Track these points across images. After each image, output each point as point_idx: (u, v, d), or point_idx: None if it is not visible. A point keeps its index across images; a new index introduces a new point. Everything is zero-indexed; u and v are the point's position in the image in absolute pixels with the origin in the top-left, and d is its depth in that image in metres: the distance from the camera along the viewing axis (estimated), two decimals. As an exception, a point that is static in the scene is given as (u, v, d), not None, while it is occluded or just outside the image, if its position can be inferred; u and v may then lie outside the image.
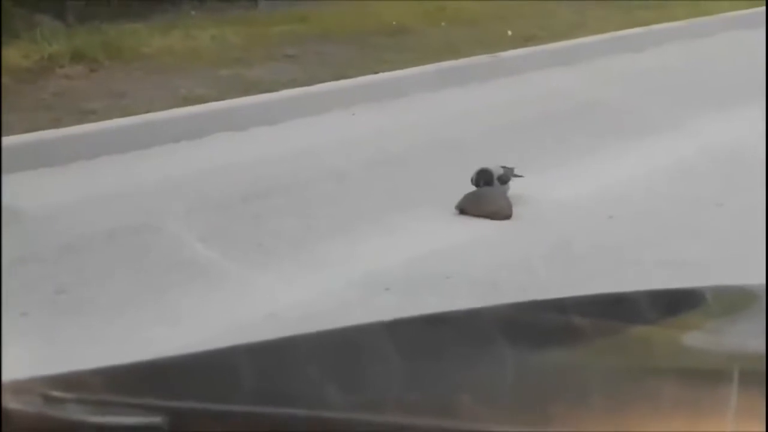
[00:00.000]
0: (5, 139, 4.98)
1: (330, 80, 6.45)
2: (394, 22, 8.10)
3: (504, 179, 4.64)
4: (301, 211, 4.51)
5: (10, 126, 5.18)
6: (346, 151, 5.39)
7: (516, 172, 4.72)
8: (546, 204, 4.60)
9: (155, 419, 0.89)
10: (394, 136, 5.70)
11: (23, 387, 0.93)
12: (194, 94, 5.95)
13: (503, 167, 4.68)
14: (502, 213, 4.51)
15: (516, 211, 4.51)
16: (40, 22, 7.05)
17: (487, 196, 4.56)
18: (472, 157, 4.85)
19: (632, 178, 4.98)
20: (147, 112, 5.59)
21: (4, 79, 5.87)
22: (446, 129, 5.88)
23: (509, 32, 8.03)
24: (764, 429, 0.87)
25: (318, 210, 4.54)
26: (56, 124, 5.27)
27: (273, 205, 4.58)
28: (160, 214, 4.39)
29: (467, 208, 4.51)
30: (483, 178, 4.61)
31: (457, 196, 4.52)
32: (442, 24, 8.26)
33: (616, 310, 1.30)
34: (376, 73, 6.69)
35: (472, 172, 4.65)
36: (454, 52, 7.24)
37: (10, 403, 0.87)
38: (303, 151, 5.36)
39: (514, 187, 4.65)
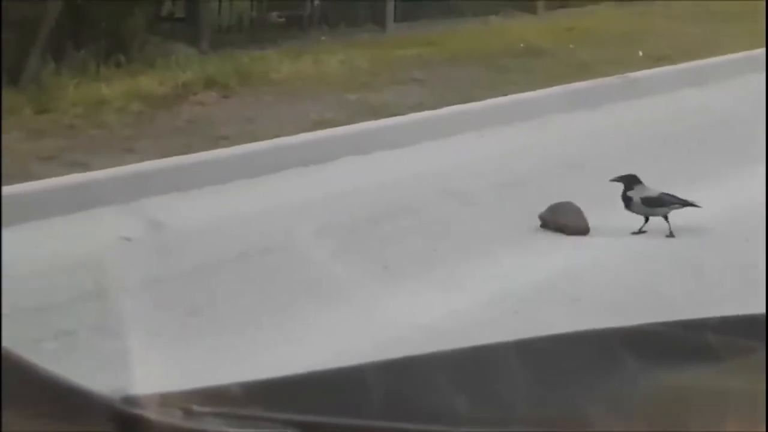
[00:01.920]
0: (142, 164, 5.13)
1: (457, 103, 6.45)
2: (521, 44, 8.07)
3: (649, 201, 4.48)
4: (428, 232, 4.53)
5: (146, 151, 5.33)
6: (474, 173, 5.39)
7: (693, 201, 4.49)
8: (680, 225, 4.51)
9: (288, 432, 0.91)
10: (522, 158, 5.68)
11: (163, 400, 0.96)
12: (323, 118, 6.03)
13: (664, 193, 4.52)
14: (571, 227, 4.43)
15: (649, 229, 4.45)
16: (174, 50, 7.24)
17: (562, 208, 4.51)
18: (601, 179, 4.79)
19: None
20: (276, 136, 5.68)
21: (140, 106, 6.04)
22: (575, 151, 5.83)
23: (640, 53, 7.92)
24: None
25: (445, 231, 4.54)
26: (189, 149, 5.39)
27: (400, 226, 4.60)
28: (289, 236, 4.46)
29: (546, 219, 4.46)
30: (623, 181, 4.51)
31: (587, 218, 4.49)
32: (571, 45, 8.20)
33: (751, 331, 1.28)
34: (505, 95, 6.68)
35: (600, 193, 4.60)
36: (584, 73, 7.18)
37: (152, 415, 0.90)
38: (430, 173, 5.38)
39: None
